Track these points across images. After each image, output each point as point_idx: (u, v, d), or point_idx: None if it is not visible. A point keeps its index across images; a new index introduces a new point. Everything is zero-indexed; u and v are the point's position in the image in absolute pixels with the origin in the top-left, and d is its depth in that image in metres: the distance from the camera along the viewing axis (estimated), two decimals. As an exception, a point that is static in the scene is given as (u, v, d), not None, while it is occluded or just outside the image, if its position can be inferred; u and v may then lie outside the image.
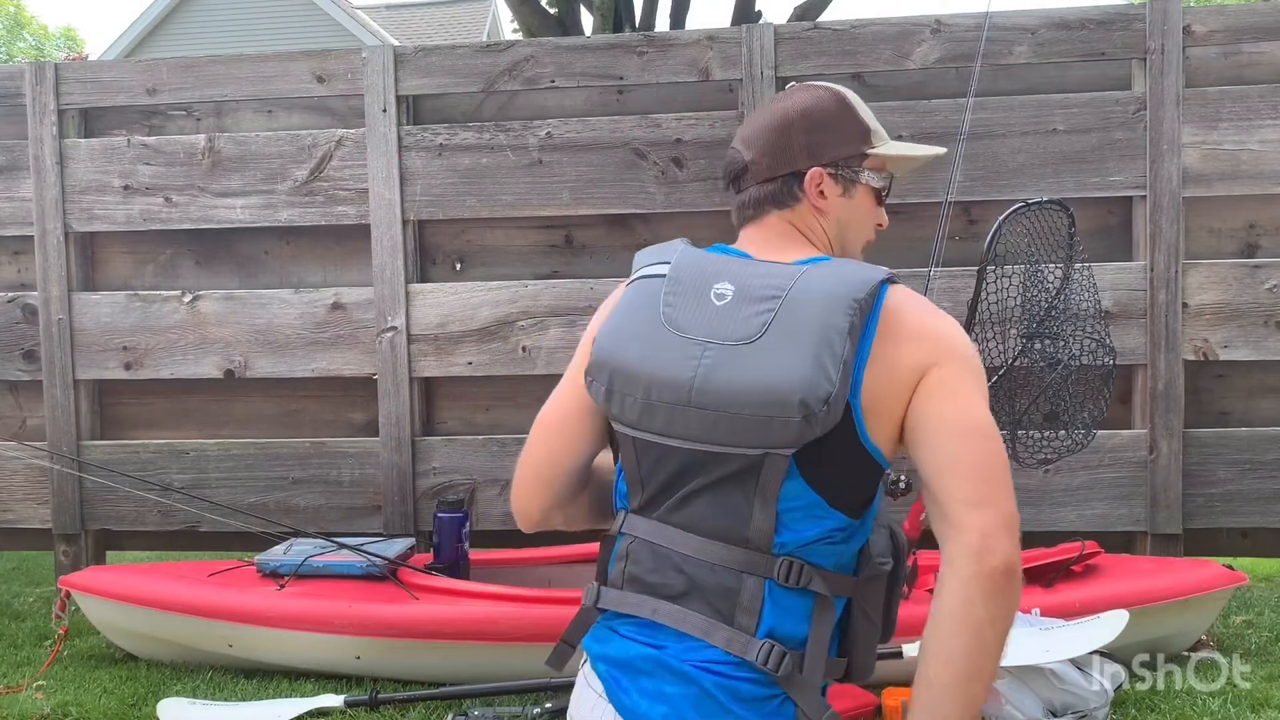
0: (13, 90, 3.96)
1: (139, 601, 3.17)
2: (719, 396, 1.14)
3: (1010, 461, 2.97)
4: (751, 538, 1.18)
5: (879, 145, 1.32)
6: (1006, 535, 1.12)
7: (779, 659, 1.14)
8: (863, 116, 1.32)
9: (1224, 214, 3.56)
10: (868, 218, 1.34)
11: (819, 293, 1.16)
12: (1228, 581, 2.98)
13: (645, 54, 3.70)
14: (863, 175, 1.31)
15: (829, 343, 1.13)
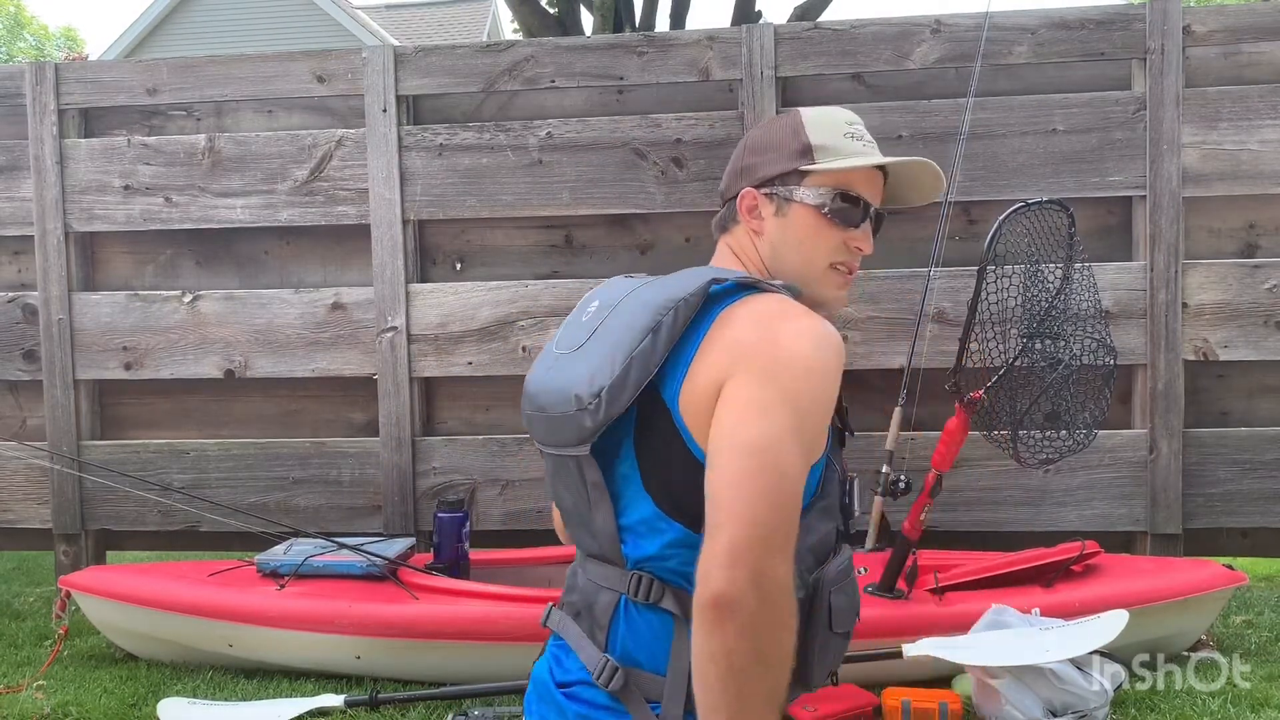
0: (13, 90, 3.96)
1: (139, 601, 3.17)
2: (542, 400, 1.22)
3: (1011, 462, 2.98)
4: (605, 550, 1.18)
5: (823, 162, 1.26)
6: (727, 563, 0.98)
7: (611, 675, 1.12)
8: (807, 134, 1.28)
9: (1224, 214, 3.56)
10: (811, 238, 1.26)
11: (643, 298, 1.16)
12: (1228, 581, 2.98)
13: (645, 54, 3.70)
14: (797, 193, 1.26)
15: (624, 342, 1.12)
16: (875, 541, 3.32)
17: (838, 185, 1.27)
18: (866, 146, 1.30)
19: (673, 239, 3.75)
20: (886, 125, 3.59)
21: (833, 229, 1.26)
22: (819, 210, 1.26)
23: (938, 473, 2.86)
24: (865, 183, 1.29)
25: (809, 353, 1.08)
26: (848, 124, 1.32)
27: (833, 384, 1.11)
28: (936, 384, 3.11)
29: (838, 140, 1.28)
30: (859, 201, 1.28)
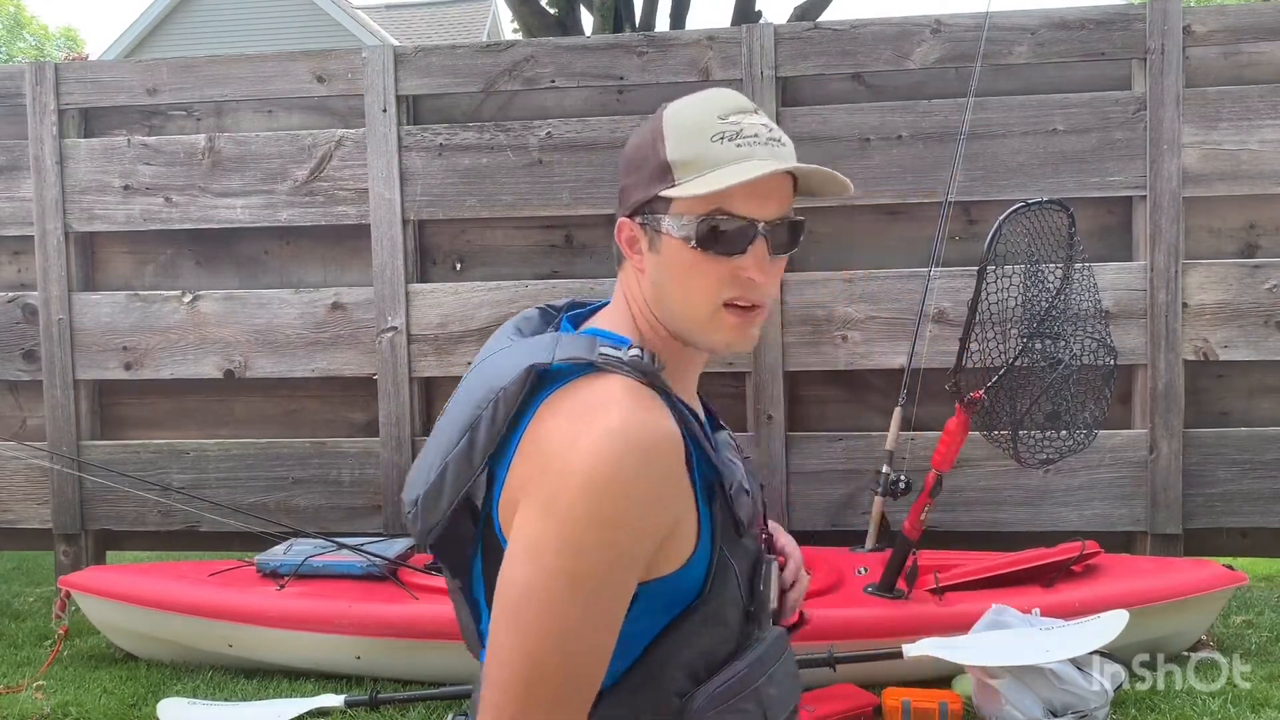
0: (13, 90, 3.96)
1: (139, 601, 3.17)
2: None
3: (1011, 462, 2.99)
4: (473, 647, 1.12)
5: (682, 183, 0.98)
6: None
7: None
8: (665, 147, 1.01)
9: (1224, 214, 3.56)
10: (688, 276, 1.00)
11: (476, 380, 1.01)
12: (1228, 581, 2.98)
13: (645, 54, 3.70)
14: (664, 223, 1.00)
15: (443, 442, 1.00)
16: (875, 541, 3.32)
17: (707, 209, 0.98)
18: (745, 146, 0.98)
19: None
20: (886, 125, 3.58)
21: (713, 261, 0.99)
22: (684, 242, 0.99)
23: (938, 473, 2.86)
24: (747, 196, 0.97)
25: (602, 473, 0.87)
26: (720, 119, 1.01)
27: (638, 504, 0.89)
28: (936, 384, 3.11)
29: (703, 148, 0.99)
30: (738, 223, 0.98)
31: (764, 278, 1.01)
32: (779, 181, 1.00)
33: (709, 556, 0.97)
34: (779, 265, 1.04)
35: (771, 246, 1.01)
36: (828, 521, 3.64)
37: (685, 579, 0.96)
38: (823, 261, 3.69)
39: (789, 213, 1.03)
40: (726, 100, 1.05)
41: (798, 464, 3.64)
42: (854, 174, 3.58)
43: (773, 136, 1.01)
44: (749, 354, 3.62)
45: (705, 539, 0.97)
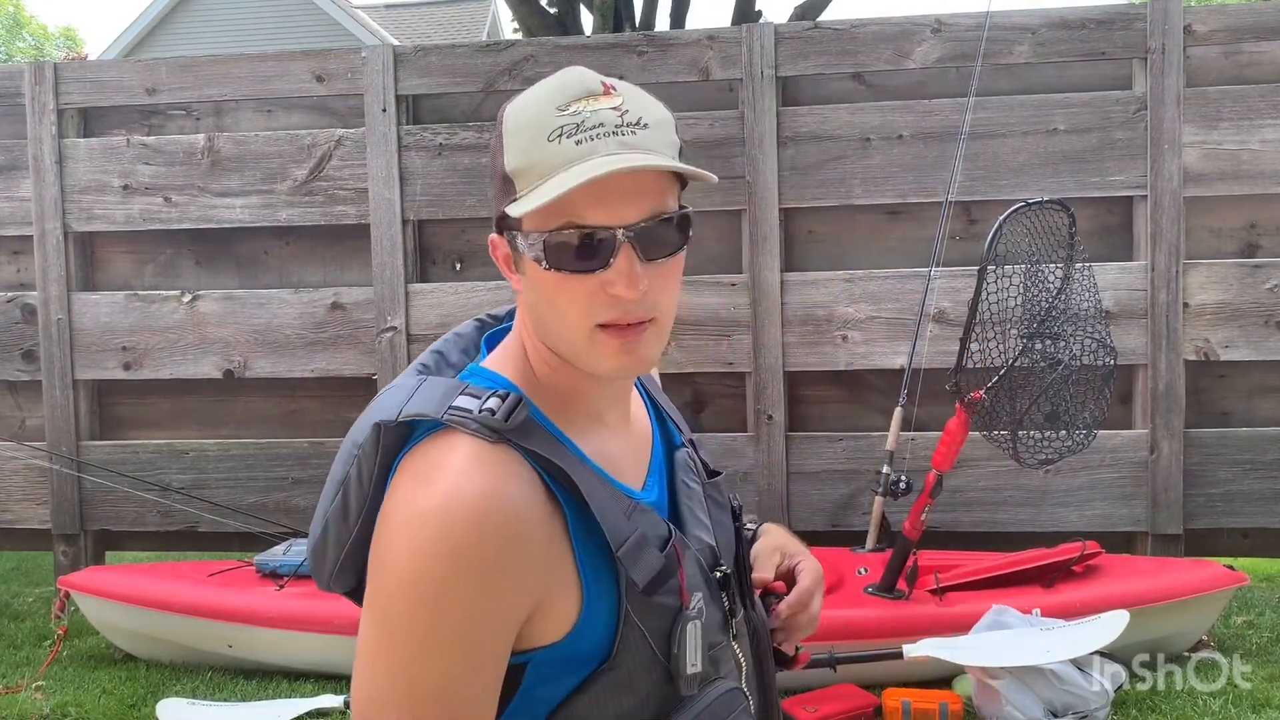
0: (12, 90, 3.95)
1: (139, 601, 3.17)
2: None
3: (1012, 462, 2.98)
4: None
5: (522, 195, 0.85)
6: None
7: None
8: (504, 157, 0.89)
9: (1224, 214, 3.56)
10: (555, 298, 0.86)
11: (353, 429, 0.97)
12: (1228, 582, 2.98)
13: (645, 54, 3.70)
14: (519, 242, 0.87)
15: (326, 497, 0.96)
16: (876, 542, 3.32)
17: (554, 224, 0.84)
18: (586, 142, 0.84)
19: (673, 239, 3.74)
20: (887, 125, 3.58)
21: (575, 280, 0.85)
22: (539, 265, 0.86)
23: (938, 473, 2.86)
24: (596, 202, 0.83)
25: (418, 573, 0.79)
26: (559, 111, 0.88)
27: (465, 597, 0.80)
28: (936, 384, 3.11)
29: (539, 151, 0.86)
30: (585, 235, 0.84)
31: (634, 291, 0.84)
32: (643, 177, 0.85)
33: (609, 619, 0.87)
34: (664, 270, 0.89)
35: (642, 253, 0.85)
36: (828, 522, 3.64)
37: (579, 644, 0.87)
38: (823, 261, 3.68)
39: (667, 207, 0.89)
40: (567, 86, 0.91)
41: (798, 464, 3.64)
42: (854, 174, 3.58)
43: (625, 122, 0.85)
44: (749, 354, 3.62)
45: (599, 601, 0.87)
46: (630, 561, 0.86)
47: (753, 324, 3.62)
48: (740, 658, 0.98)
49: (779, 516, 3.62)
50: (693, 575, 0.92)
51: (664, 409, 1.06)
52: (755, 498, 3.63)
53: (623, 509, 0.88)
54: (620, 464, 0.94)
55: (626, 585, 0.87)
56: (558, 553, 0.85)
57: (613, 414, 0.97)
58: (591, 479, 0.88)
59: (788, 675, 2.03)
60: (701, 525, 0.97)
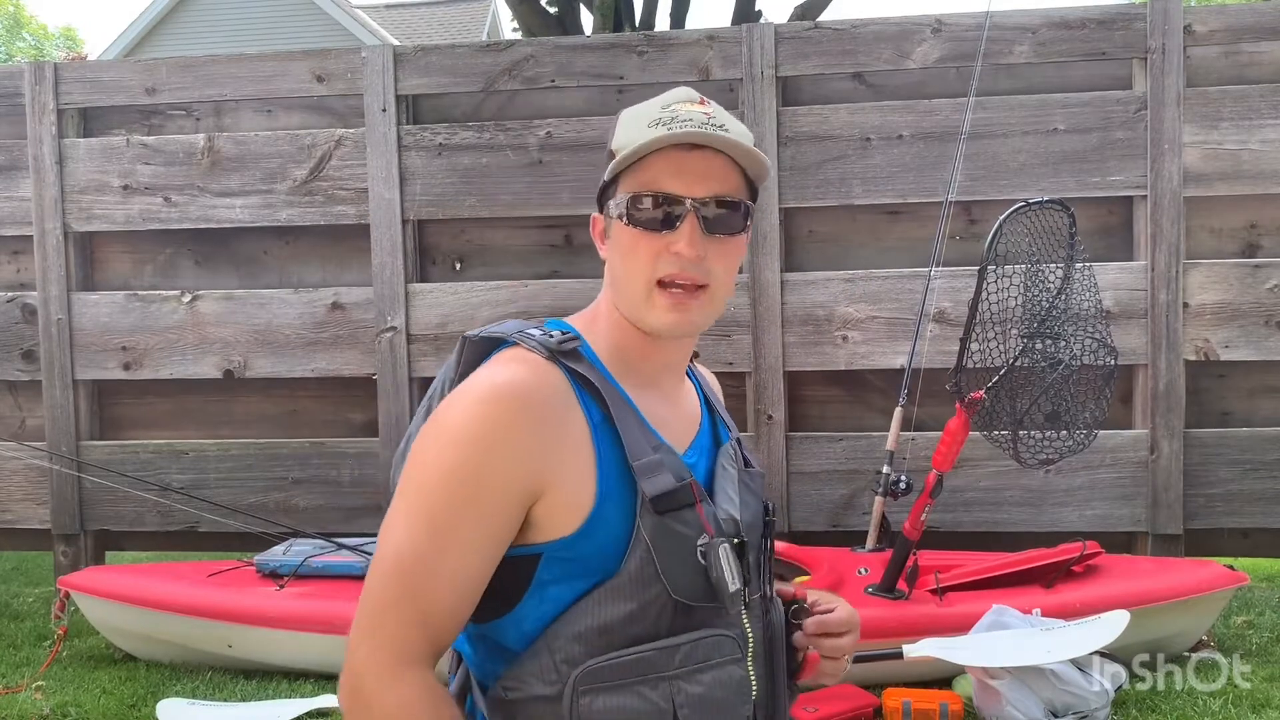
0: (12, 90, 3.95)
1: (139, 601, 3.17)
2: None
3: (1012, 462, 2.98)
4: None
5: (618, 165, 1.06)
6: (343, 692, 1.00)
7: None
8: (612, 139, 1.08)
9: (1225, 214, 3.56)
10: (628, 255, 1.05)
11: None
12: (1228, 582, 2.98)
13: (645, 54, 3.70)
14: (609, 207, 1.07)
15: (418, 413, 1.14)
16: (876, 542, 3.32)
17: (639, 187, 1.04)
18: (677, 130, 1.04)
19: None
20: (887, 125, 3.58)
21: (646, 238, 1.03)
22: (620, 221, 1.05)
23: (938, 473, 2.85)
24: (675, 174, 1.03)
25: (454, 424, 0.98)
26: (663, 107, 1.09)
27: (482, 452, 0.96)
28: (937, 384, 3.11)
29: (640, 132, 1.05)
30: (661, 199, 1.03)
31: (694, 253, 1.02)
32: (715, 163, 1.05)
33: (622, 530, 0.99)
34: (724, 246, 1.05)
35: (705, 225, 1.03)
36: (828, 521, 3.64)
37: (588, 544, 0.98)
38: (823, 261, 3.68)
39: (732, 194, 1.06)
40: (676, 94, 1.12)
41: (798, 464, 3.64)
42: (854, 174, 3.58)
43: (711, 122, 1.06)
44: (749, 354, 3.62)
45: (612, 506, 0.99)
46: (644, 473, 0.99)
47: (753, 324, 3.62)
48: (749, 630, 1.05)
49: (779, 517, 3.61)
50: (716, 526, 1.02)
51: (717, 408, 1.19)
52: (755, 498, 3.63)
53: (650, 443, 1.02)
54: (666, 425, 1.07)
55: (642, 503, 0.99)
56: (575, 444, 0.99)
57: (668, 381, 1.12)
58: (624, 409, 1.02)
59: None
60: (730, 500, 1.07)
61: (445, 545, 0.96)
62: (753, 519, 1.10)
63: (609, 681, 0.97)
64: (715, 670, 1.00)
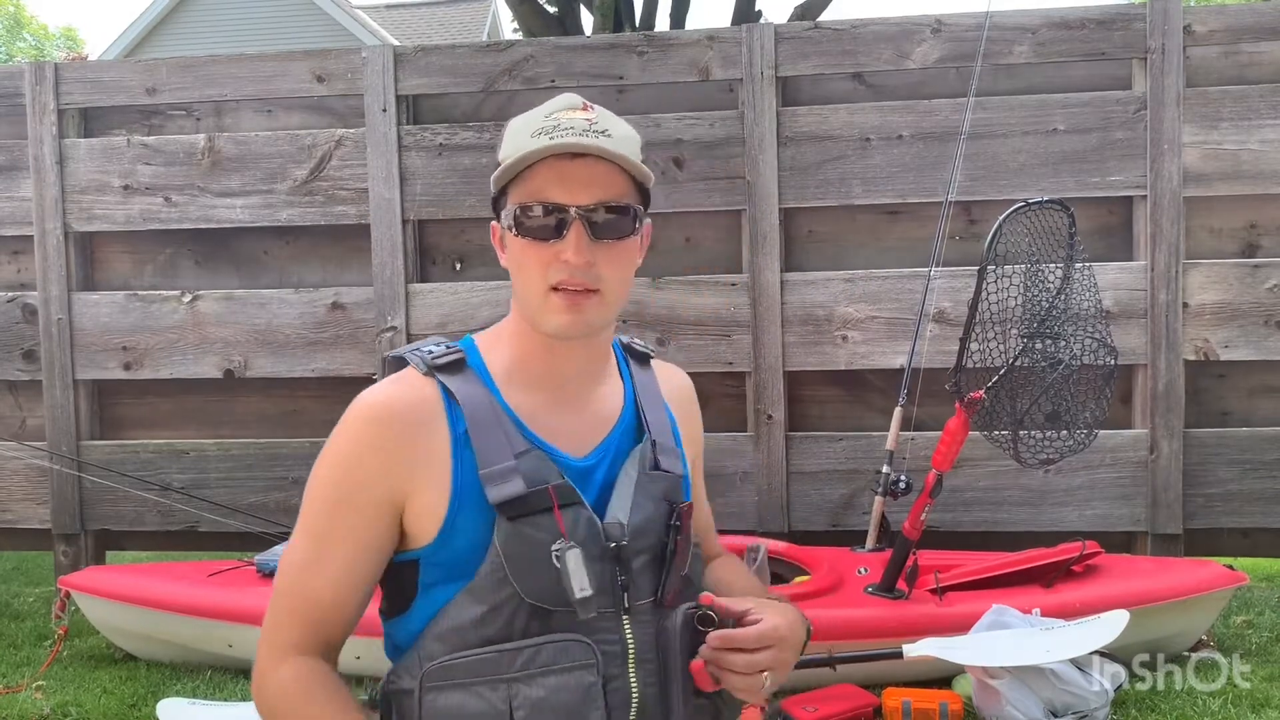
0: (12, 90, 3.95)
1: (139, 601, 3.17)
2: None
3: (1012, 462, 2.98)
4: None
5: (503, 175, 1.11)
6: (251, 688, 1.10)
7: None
8: (500, 150, 1.13)
9: (1224, 214, 3.56)
10: (521, 264, 1.10)
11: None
12: (1228, 581, 2.98)
13: (645, 54, 3.70)
14: (501, 218, 1.12)
15: None
16: (875, 541, 3.32)
17: (525, 197, 1.08)
18: (559, 138, 1.06)
19: (673, 239, 3.75)
20: (887, 125, 3.58)
21: (535, 247, 1.07)
22: (511, 232, 1.10)
23: (938, 473, 2.85)
24: (558, 183, 1.06)
25: (331, 441, 1.10)
26: (546, 116, 1.11)
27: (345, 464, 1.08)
28: (936, 384, 3.11)
29: (522, 143, 1.08)
30: (547, 208, 1.06)
31: (581, 259, 1.05)
32: (599, 170, 1.07)
33: (480, 535, 1.05)
34: (613, 251, 1.09)
35: (592, 231, 1.07)
36: (828, 521, 3.64)
37: (449, 550, 1.06)
38: (823, 261, 3.69)
39: (618, 199, 1.09)
40: (558, 101, 1.14)
41: (798, 464, 3.64)
42: (854, 174, 3.59)
43: (593, 129, 1.07)
44: (749, 354, 3.62)
45: (469, 514, 1.06)
46: (491, 480, 1.05)
47: (753, 324, 3.62)
48: (628, 638, 1.06)
49: (779, 516, 3.62)
50: (576, 529, 1.06)
51: (645, 410, 1.20)
52: (755, 498, 3.63)
53: (516, 449, 1.07)
54: (559, 429, 1.12)
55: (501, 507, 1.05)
56: (431, 456, 1.07)
57: (573, 386, 1.16)
58: (489, 419, 1.08)
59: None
60: (621, 506, 1.10)
61: (323, 553, 1.08)
62: (645, 522, 1.10)
63: (451, 680, 1.03)
64: (560, 675, 1.02)
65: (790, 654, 1.10)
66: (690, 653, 1.07)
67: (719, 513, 3.61)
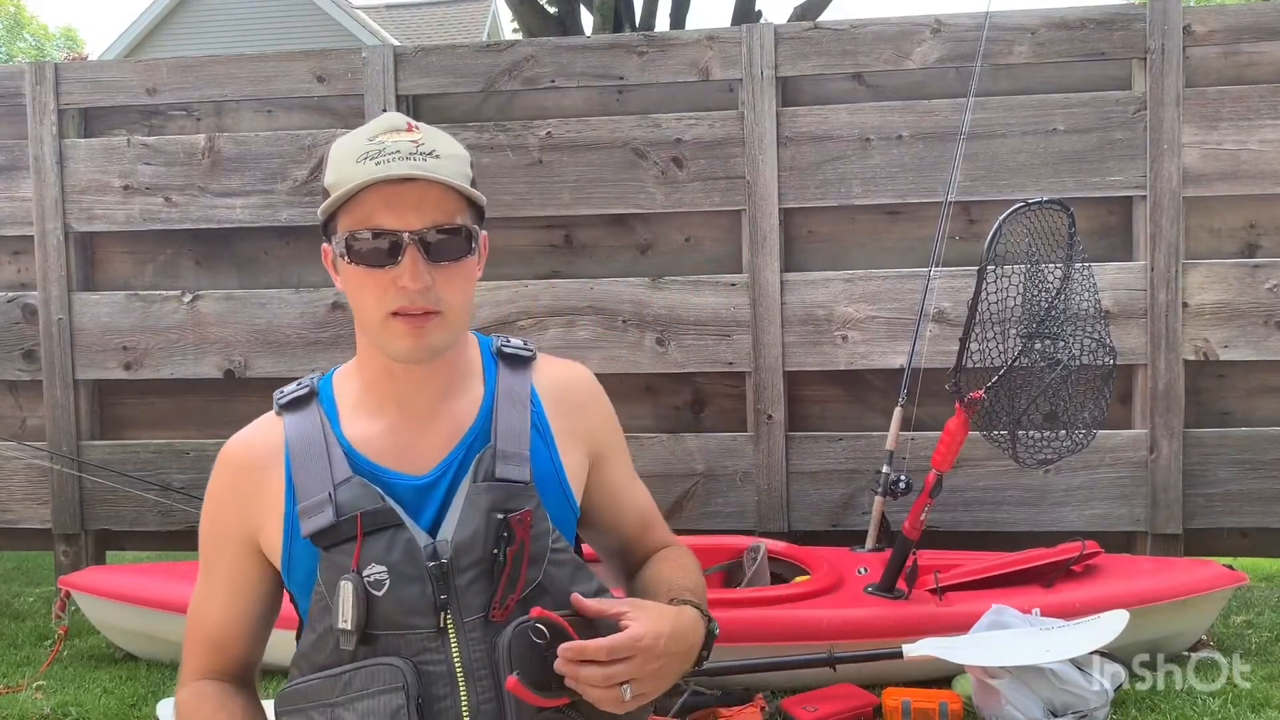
0: (13, 90, 3.96)
1: (139, 601, 3.17)
2: None
3: (1011, 462, 2.98)
4: None
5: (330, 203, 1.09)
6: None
7: None
8: (325, 175, 1.11)
9: (1224, 214, 3.56)
10: (358, 289, 1.09)
11: None
12: (1228, 581, 2.98)
13: (645, 54, 3.70)
14: (333, 244, 1.10)
15: None
16: (875, 541, 3.32)
17: (355, 224, 1.06)
18: (384, 163, 1.04)
19: (673, 239, 3.75)
20: (886, 125, 3.58)
21: (370, 274, 1.07)
22: (345, 260, 1.08)
23: (938, 473, 2.86)
24: (388, 209, 1.05)
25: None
26: (368, 140, 1.08)
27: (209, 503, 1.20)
28: (936, 384, 3.11)
29: (347, 169, 1.06)
30: (378, 234, 1.05)
31: (418, 285, 1.05)
32: (430, 192, 1.05)
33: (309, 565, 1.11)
34: (451, 272, 1.08)
35: (428, 253, 1.06)
36: (828, 521, 3.64)
37: (294, 584, 1.15)
38: (823, 261, 3.69)
39: (450, 221, 1.07)
40: (380, 123, 1.11)
41: (798, 464, 3.64)
42: (854, 174, 3.59)
43: (421, 151, 1.06)
44: (749, 354, 3.62)
45: (300, 549, 1.11)
46: (305, 513, 1.10)
47: (753, 324, 3.62)
48: (455, 654, 1.05)
49: (779, 516, 3.62)
50: (384, 552, 1.07)
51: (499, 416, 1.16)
52: (755, 498, 3.63)
53: (335, 479, 1.11)
54: (402, 449, 1.14)
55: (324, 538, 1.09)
56: (270, 494, 1.14)
57: (417, 405, 1.16)
58: (316, 451, 1.14)
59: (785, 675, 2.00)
60: (450, 522, 1.10)
61: (209, 587, 1.21)
62: (471, 537, 1.08)
63: (294, 705, 1.10)
64: (370, 699, 1.04)
65: (659, 662, 1.05)
66: (542, 665, 1.03)
67: (719, 513, 3.65)
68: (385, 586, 1.06)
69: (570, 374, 1.27)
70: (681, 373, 3.65)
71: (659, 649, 1.04)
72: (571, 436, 1.21)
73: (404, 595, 1.06)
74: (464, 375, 1.19)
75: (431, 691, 1.04)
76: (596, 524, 1.29)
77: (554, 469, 1.18)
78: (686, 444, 3.63)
